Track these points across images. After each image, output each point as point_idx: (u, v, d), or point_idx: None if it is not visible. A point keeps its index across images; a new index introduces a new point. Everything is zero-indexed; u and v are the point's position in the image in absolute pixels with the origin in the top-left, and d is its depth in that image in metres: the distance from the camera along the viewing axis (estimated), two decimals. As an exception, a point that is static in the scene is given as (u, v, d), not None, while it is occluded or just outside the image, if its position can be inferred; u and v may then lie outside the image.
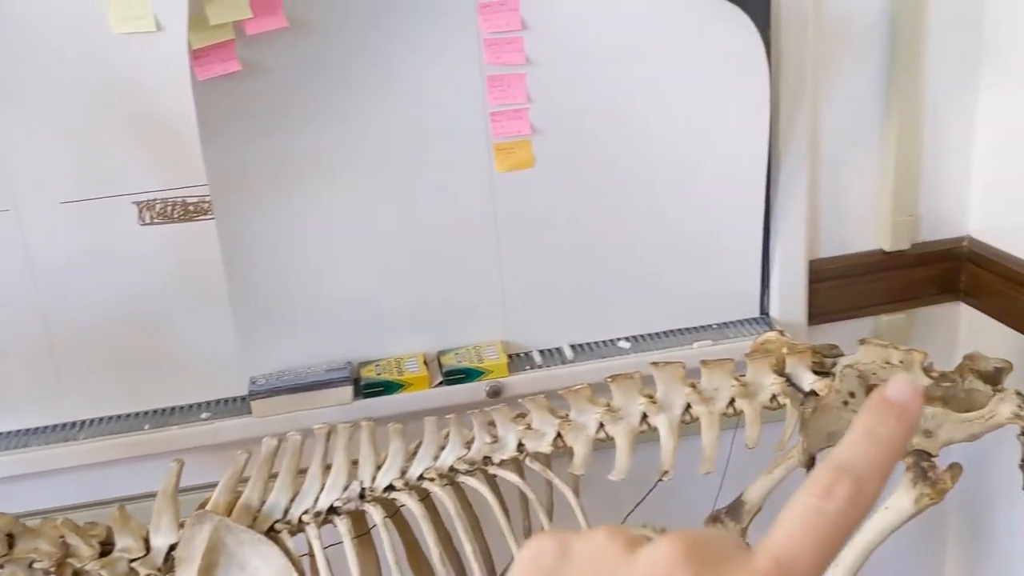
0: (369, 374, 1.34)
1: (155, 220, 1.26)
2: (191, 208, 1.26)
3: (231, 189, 1.24)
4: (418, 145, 1.28)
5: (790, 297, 1.46)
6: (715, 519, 1.25)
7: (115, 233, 1.25)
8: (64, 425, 1.33)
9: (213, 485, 1.08)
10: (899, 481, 1.12)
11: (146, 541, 1.06)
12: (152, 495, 1.07)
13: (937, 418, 1.11)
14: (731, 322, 1.47)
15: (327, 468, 1.11)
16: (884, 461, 0.33)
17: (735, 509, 1.24)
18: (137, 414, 1.34)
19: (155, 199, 1.25)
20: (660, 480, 1.11)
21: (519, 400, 1.15)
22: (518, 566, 0.35)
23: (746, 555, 0.32)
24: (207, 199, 1.25)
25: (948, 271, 1.51)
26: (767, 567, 0.31)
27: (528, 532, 1.32)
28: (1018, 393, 1.11)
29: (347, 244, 1.31)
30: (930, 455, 1.11)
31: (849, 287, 1.49)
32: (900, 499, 1.09)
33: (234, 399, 1.36)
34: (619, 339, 1.45)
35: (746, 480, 1.22)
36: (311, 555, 1.09)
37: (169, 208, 1.26)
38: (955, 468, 1.10)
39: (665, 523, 1.47)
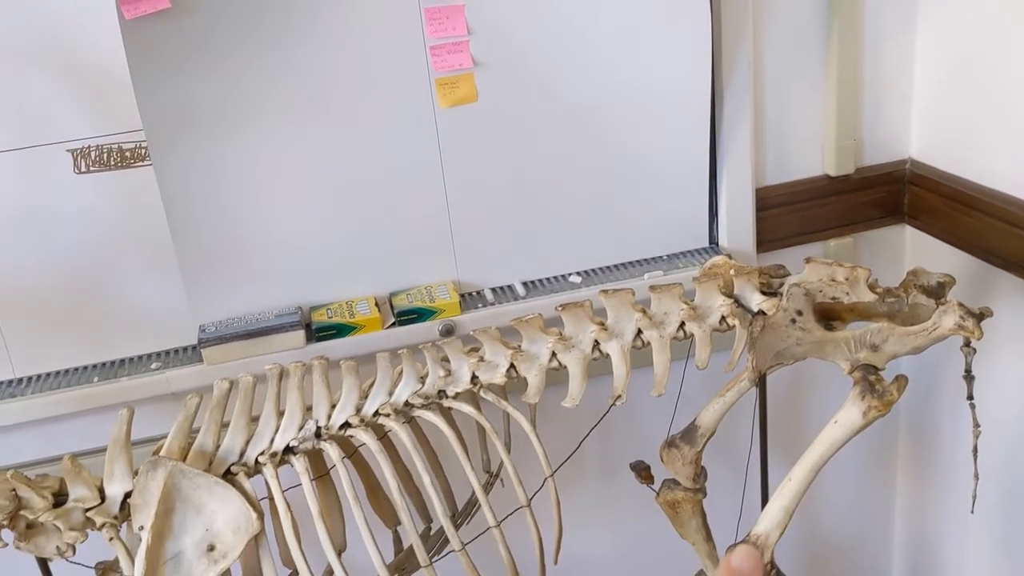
0: (321, 318, 1.33)
1: (92, 168, 1.23)
2: (128, 155, 1.23)
3: (167, 133, 1.21)
4: (359, 82, 1.26)
5: (738, 225, 1.47)
6: (671, 444, 1.27)
7: (51, 183, 1.22)
8: (11, 382, 1.31)
9: (166, 436, 1.07)
10: (847, 396, 1.15)
11: (100, 490, 1.05)
12: (104, 449, 1.06)
13: (882, 333, 1.13)
14: (681, 252, 1.48)
15: (281, 409, 1.10)
16: None
17: (689, 433, 1.26)
18: (86, 367, 1.32)
19: (89, 146, 1.21)
20: (613, 404, 1.12)
21: (471, 333, 1.14)
22: None
23: None
24: (144, 144, 1.22)
25: (892, 194, 1.53)
26: None
27: (487, 464, 1.33)
28: (960, 305, 1.13)
29: (291, 187, 1.29)
30: (877, 369, 1.13)
31: (796, 213, 1.50)
32: (849, 412, 1.11)
33: (184, 348, 1.35)
34: (570, 274, 1.45)
35: (700, 404, 1.24)
36: (270, 497, 1.09)
37: (105, 155, 1.23)
38: (901, 380, 1.11)
39: (622, 449, 1.50)
